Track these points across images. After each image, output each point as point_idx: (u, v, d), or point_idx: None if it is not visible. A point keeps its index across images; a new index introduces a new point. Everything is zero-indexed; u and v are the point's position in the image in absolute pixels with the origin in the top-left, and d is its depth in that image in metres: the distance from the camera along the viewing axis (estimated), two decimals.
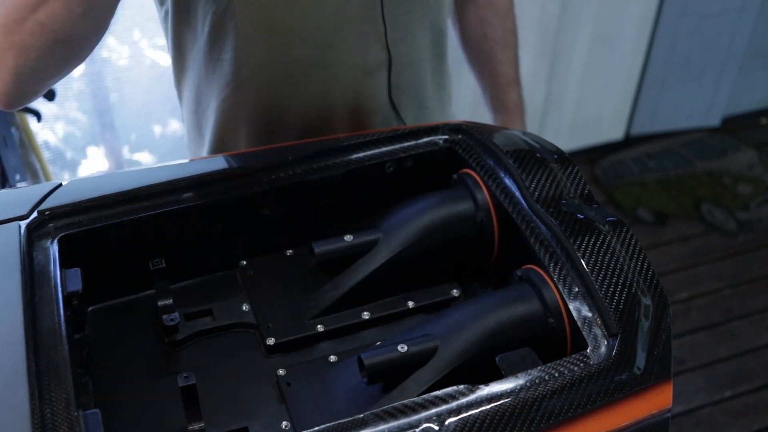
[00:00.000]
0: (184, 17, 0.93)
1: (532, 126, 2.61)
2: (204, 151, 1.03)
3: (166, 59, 1.90)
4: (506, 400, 0.60)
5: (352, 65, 0.94)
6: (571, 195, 0.76)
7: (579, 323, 0.66)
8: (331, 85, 0.94)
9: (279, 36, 0.89)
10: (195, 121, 1.03)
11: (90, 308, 0.78)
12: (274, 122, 0.97)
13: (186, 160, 0.86)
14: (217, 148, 1.01)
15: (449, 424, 0.58)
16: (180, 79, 1.02)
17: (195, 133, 1.04)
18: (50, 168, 1.98)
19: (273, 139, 0.98)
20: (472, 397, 0.60)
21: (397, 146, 0.85)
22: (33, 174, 1.92)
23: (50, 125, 2.00)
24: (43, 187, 0.76)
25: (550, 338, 0.69)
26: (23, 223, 0.71)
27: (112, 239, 0.75)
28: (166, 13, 0.96)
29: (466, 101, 1.26)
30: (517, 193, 0.77)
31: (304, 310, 0.78)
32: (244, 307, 0.78)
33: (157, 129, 2.13)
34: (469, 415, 0.59)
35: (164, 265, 0.76)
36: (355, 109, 0.97)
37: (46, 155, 1.98)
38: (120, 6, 0.82)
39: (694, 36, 2.66)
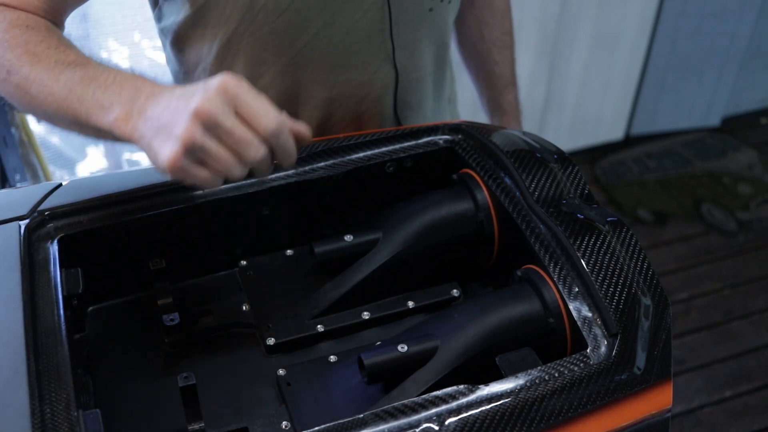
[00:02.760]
0: (190, 36, 0.92)
1: (532, 126, 2.61)
2: None
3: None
4: (506, 400, 0.60)
5: (360, 83, 0.94)
6: (571, 195, 0.76)
7: (579, 323, 0.66)
8: (338, 102, 0.94)
9: (288, 57, 0.89)
10: None
11: (90, 308, 0.79)
12: None
13: None
14: None
15: (449, 424, 0.58)
16: None
17: None
18: (50, 168, 1.98)
19: None
20: (472, 397, 0.60)
21: (397, 146, 0.85)
22: (33, 174, 1.92)
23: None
24: (43, 187, 0.76)
25: (550, 338, 0.69)
26: (23, 223, 0.72)
27: (112, 239, 0.75)
28: (165, 30, 0.95)
29: (466, 101, 1.26)
30: (517, 193, 0.77)
31: (304, 310, 0.78)
32: (244, 307, 0.78)
33: None
34: (469, 415, 0.59)
35: (164, 265, 0.76)
36: (360, 125, 0.97)
37: (46, 155, 1.98)
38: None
39: (694, 36, 2.66)
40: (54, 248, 0.71)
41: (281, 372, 0.73)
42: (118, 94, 0.67)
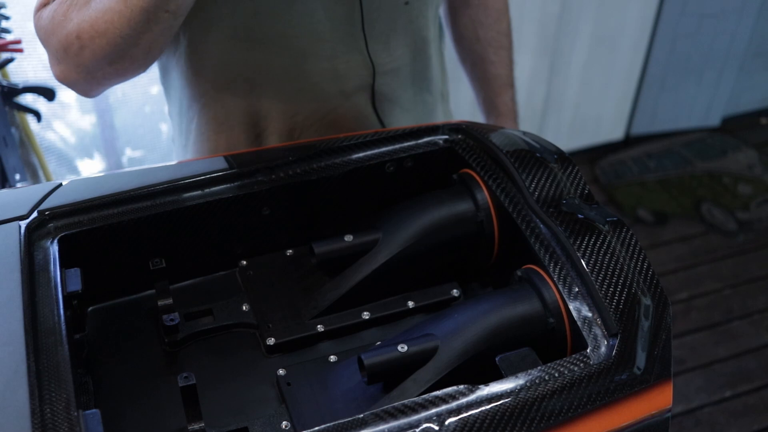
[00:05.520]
0: None
1: (532, 126, 2.61)
2: (188, 154, 1.03)
3: None
4: (506, 400, 0.60)
5: (334, 74, 0.94)
6: (571, 195, 0.76)
7: (579, 323, 0.66)
8: (313, 93, 0.94)
9: (260, 45, 0.89)
10: (178, 123, 1.03)
11: (90, 308, 0.78)
12: (256, 129, 0.97)
13: (186, 160, 0.86)
14: (200, 151, 1.01)
15: (449, 424, 0.58)
16: (165, 79, 1.02)
17: (180, 135, 1.05)
18: (50, 168, 1.98)
19: (256, 145, 0.98)
20: (472, 397, 0.60)
21: (397, 146, 0.85)
22: (33, 174, 1.92)
23: (50, 125, 2.00)
24: (43, 187, 0.76)
25: (550, 338, 0.69)
26: (23, 223, 0.71)
27: (112, 239, 0.75)
28: None
29: (466, 101, 1.26)
30: (517, 193, 0.77)
31: (304, 310, 0.78)
32: (244, 307, 0.78)
33: (156, 129, 2.13)
34: (469, 415, 0.59)
35: (164, 265, 0.76)
36: (338, 116, 0.97)
37: (46, 155, 1.98)
38: None
39: (694, 36, 2.66)
40: (54, 248, 0.71)
41: (281, 372, 0.73)
42: None
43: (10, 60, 1.63)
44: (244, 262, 0.83)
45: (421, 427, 0.58)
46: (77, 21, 0.76)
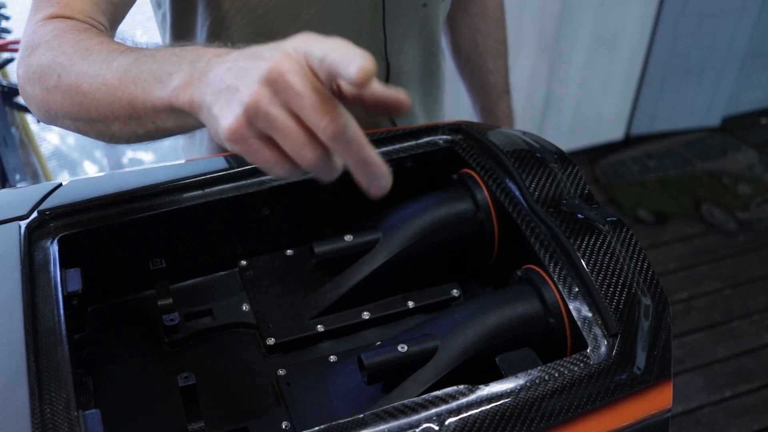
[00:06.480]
0: (183, 24, 0.93)
1: (532, 126, 2.61)
2: (198, 155, 1.03)
3: None
4: (506, 400, 0.60)
5: None
6: (571, 195, 0.76)
7: (579, 323, 0.66)
8: None
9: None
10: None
11: (90, 308, 0.79)
12: None
13: (186, 160, 0.86)
14: (211, 153, 1.01)
15: (449, 424, 0.58)
16: None
17: (189, 143, 1.04)
18: (50, 168, 1.98)
19: None
20: (472, 397, 0.60)
21: (397, 146, 0.85)
22: (33, 174, 1.92)
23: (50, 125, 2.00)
24: (43, 187, 0.76)
25: (550, 338, 0.69)
26: (23, 223, 0.72)
27: (112, 239, 0.75)
28: (164, 16, 0.95)
29: (466, 102, 1.26)
30: (517, 193, 0.77)
31: (304, 310, 0.78)
32: (244, 307, 0.78)
33: None
34: (469, 415, 0.59)
35: (164, 265, 0.76)
36: None
37: (46, 155, 1.98)
38: None
39: (694, 36, 2.66)
40: (54, 248, 0.71)
41: (281, 372, 0.73)
42: (177, 64, 0.59)
43: (10, 60, 1.64)
44: (244, 262, 0.83)
45: (421, 427, 0.58)
46: (68, 59, 0.68)
